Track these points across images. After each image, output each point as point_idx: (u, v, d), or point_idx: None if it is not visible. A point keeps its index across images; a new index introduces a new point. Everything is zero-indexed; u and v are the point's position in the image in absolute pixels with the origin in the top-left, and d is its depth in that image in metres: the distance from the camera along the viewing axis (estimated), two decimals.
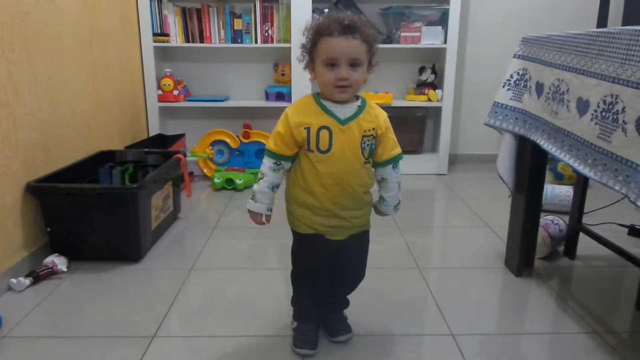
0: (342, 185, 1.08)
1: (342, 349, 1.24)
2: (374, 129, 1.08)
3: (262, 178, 1.12)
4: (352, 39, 1.00)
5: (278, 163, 1.10)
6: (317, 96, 1.09)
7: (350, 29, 1.00)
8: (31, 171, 1.65)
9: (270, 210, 1.15)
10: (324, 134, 1.05)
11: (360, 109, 1.08)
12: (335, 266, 1.19)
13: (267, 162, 1.11)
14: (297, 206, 1.13)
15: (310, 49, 1.05)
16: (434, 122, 3.11)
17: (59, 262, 1.62)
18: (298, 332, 1.25)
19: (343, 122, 1.06)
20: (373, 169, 1.15)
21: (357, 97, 1.10)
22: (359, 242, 1.20)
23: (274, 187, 1.13)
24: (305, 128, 1.05)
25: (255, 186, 1.13)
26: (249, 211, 1.15)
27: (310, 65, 1.07)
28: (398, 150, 1.14)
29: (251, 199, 1.14)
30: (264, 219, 1.15)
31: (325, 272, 1.19)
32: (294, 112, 1.07)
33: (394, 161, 1.14)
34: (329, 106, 1.07)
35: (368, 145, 1.09)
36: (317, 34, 1.02)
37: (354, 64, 1.02)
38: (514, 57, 1.55)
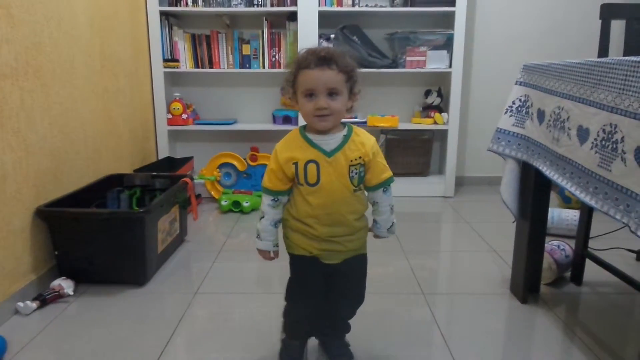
0: (333, 214, 1.10)
1: None
2: (360, 157, 1.09)
3: (263, 217, 1.16)
4: (328, 70, 1.03)
5: (275, 199, 1.13)
6: (303, 129, 1.11)
7: (326, 60, 1.03)
8: (41, 195, 1.69)
9: (277, 246, 1.19)
10: (312, 167, 1.07)
11: (346, 138, 1.09)
12: (332, 289, 1.19)
13: (265, 200, 1.14)
14: (292, 231, 1.16)
15: (292, 82, 1.08)
16: (440, 144, 3.12)
17: (65, 285, 1.64)
18: (285, 347, 1.29)
19: (329, 154, 1.08)
20: (366, 193, 1.17)
21: (343, 126, 1.11)
22: (355, 266, 1.20)
23: (276, 223, 1.16)
24: (293, 163, 1.08)
25: (258, 225, 1.16)
26: (258, 250, 1.19)
27: (294, 98, 1.10)
28: (388, 174, 1.14)
29: (257, 237, 1.17)
30: (272, 255, 1.19)
31: (318, 294, 1.19)
32: (282, 148, 1.10)
33: (384, 185, 1.15)
34: (314, 139, 1.08)
35: (356, 173, 1.10)
36: (296, 67, 1.06)
37: (332, 93, 1.04)
38: (515, 83, 1.57)
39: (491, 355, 1.34)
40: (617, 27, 1.82)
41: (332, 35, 2.82)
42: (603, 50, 1.59)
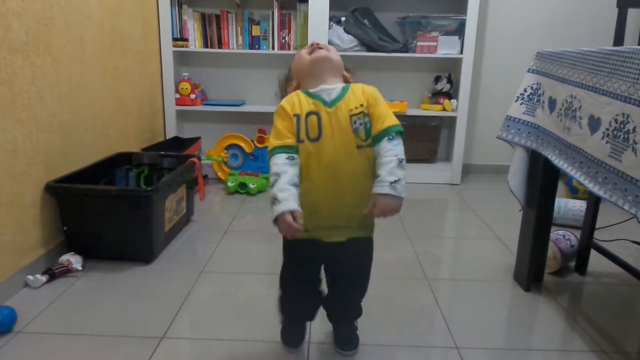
0: (338, 174, 1.00)
1: (345, 358, 1.25)
2: (361, 105, 1.02)
3: (278, 177, 0.96)
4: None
5: (291, 157, 0.98)
6: (300, 91, 1.09)
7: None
8: (50, 171, 1.70)
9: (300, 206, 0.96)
10: (312, 119, 1.01)
11: (345, 89, 1.06)
12: (334, 274, 1.15)
13: (279, 160, 0.98)
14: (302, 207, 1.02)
15: (286, 83, 1.17)
16: (448, 131, 3.10)
17: (74, 260, 1.66)
18: (284, 329, 1.28)
19: (330, 104, 1.03)
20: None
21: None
22: (361, 249, 1.12)
23: (295, 185, 0.96)
24: (295, 115, 1.02)
25: (273, 190, 0.96)
26: (277, 219, 0.94)
27: (289, 85, 1.15)
28: (392, 121, 1.02)
29: (273, 204, 0.95)
30: (299, 220, 0.93)
31: (317, 282, 1.16)
32: (286, 103, 1.05)
33: (388, 133, 1.00)
34: (314, 91, 1.06)
35: (361, 124, 1.01)
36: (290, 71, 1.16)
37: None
38: (528, 71, 1.55)
39: (493, 341, 1.35)
40: (634, 16, 1.79)
41: (343, 18, 2.79)
42: (618, 39, 1.56)
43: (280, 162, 0.97)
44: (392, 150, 0.99)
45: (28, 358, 1.23)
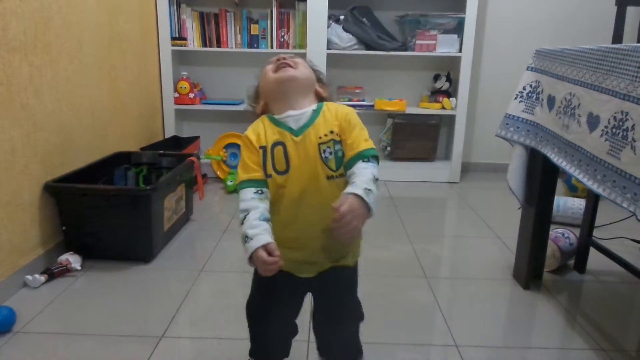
0: (304, 207, 0.90)
1: None
2: (331, 131, 0.91)
3: (247, 214, 0.87)
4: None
5: (260, 191, 0.90)
6: (267, 116, 0.96)
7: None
8: (49, 171, 1.70)
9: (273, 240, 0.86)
10: (278, 151, 0.90)
11: (316, 112, 0.93)
12: (318, 310, 1.04)
13: (247, 195, 0.89)
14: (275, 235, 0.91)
15: (256, 96, 1.02)
16: (447, 130, 3.10)
17: (73, 260, 1.66)
18: None
19: (297, 133, 0.91)
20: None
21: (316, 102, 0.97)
22: (333, 280, 0.97)
23: (267, 220, 0.88)
24: (260, 148, 0.91)
25: (243, 227, 0.87)
26: (252, 258, 0.85)
27: (259, 101, 1.00)
28: (366, 145, 0.90)
29: (245, 243, 0.85)
30: (275, 252, 0.83)
31: (290, 314, 1.04)
32: (251, 133, 0.93)
33: (361, 157, 0.89)
34: (280, 117, 0.93)
35: (331, 153, 0.90)
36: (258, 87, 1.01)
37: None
38: (527, 69, 1.55)
39: (492, 340, 1.35)
40: (632, 14, 1.78)
41: (342, 17, 2.79)
42: (617, 37, 1.56)
43: (248, 197, 0.89)
44: (368, 169, 0.88)
45: (27, 358, 1.23)
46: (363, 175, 0.86)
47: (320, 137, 0.90)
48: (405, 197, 2.63)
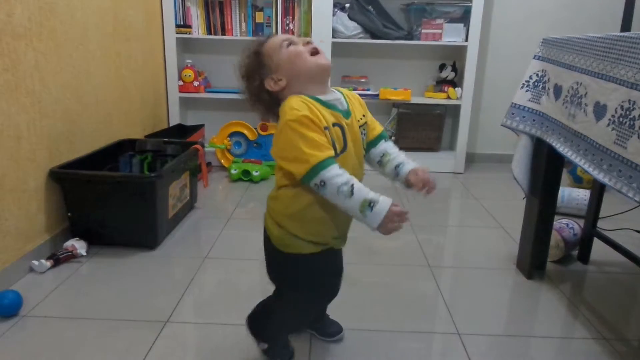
0: None
1: (347, 344, 1.27)
2: (364, 115, 1.01)
3: (352, 183, 0.86)
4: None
5: (339, 166, 0.88)
6: (305, 96, 0.93)
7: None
8: (54, 157, 1.71)
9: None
10: (337, 131, 0.92)
11: (344, 96, 0.99)
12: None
13: (335, 170, 0.86)
14: (309, 224, 0.96)
15: (258, 70, 0.97)
16: (452, 120, 3.09)
17: (78, 246, 1.67)
18: (275, 350, 1.15)
19: (346, 115, 0.95)
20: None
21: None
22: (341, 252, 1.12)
23: None
24: (325, 128, 0.89)
25: (357, 197, 0.85)
26: (386, 217, 0.84)
27: (270, 79, 0.96)
28: (381, 126, 1.07)
29: (372, 208, 0.85)
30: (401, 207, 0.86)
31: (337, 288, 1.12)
32: (306, 111, 0.88)
33: (383, 136, 1.05)
34: (325, 99, 0.93)
35: (364, 134, 1.00)
36: (256, 53, 0.98)
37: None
38: (533, 58, 1.54)
39: (494, 328, 1.36)
40: None
41: (347, 5, 2.77)
42: (626, 25, 1.54)
43: (340, 172, 0.86)
44: (396, 149, 1.04)
45: (33, 341, 1.24)
46: (402, 154, 1.03)
47: (358, 120, 0.98)
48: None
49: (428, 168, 0.97)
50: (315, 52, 0.96)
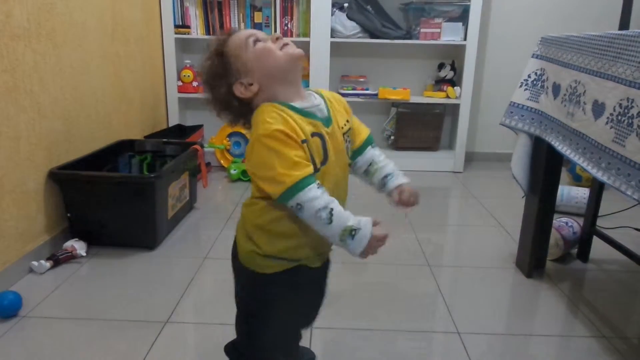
0: (340, 195, 0.85)
1: (347, 343, 1.27)
2: (348, 121, 0.89)
3: (332, 206, 0.77)
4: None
5: (319, 184, 0.79)
6: (278, 104, 0.81)
7: None
8: (53, 158, 1.71)
9: None
10: (316, 142, 0.81)
11: (324, 99, 0.87)
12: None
13: (315, 192, 0.76)
14: (278, 239, 0.85)
15: (224, 73, 0.84)
16: (451, 119, 3.09)
17: (78, 246, 1.67)
18: None
19: (327, 123, 0.84)
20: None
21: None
22: (327, 270, 0.97)
23: None
24: (302, 142, 0.78)
25: (336, 224, 0.77)
26: (366, 249, 0.79)
27: (240, 85, 0.84)
28: (367, 130, 0.95)
29: (355, 235, 0.77)
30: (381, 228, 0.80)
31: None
32: (279, 125, 0.77)
33: (370, 142, 0.94)
34: (302, 106, 0.82)
35: (349, 142, 0.90)
36: (219, 55, 0.85)
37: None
38: (532, 56, 1.54)
39: (494, 327, 1.36)
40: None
41: (346, 4, 2.77)
42: (624, 23, 1.54)
43: (318, 194, 0.77)
44: (383, 156, 0.95)
45: (34, 341, 1.24)
46: (391, 164, 0.94)
47: (342, 127, 0.87)
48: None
49: (415, 191, 0.91)
50: (282, 45, 0.84)
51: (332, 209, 0.77)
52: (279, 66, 0.83)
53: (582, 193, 2.22)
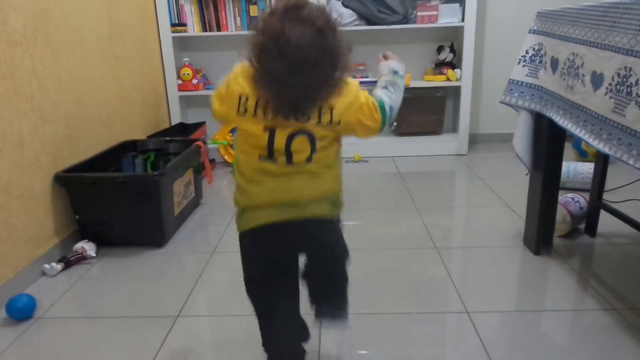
0: None
1: (357, 326, 1.27)
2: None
3: (387, 89, 1.01)
4: None
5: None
6: None
7: None
8: (58, 162, 1.72)
9: None
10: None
11: None
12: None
13: (387, 107, 0.96)
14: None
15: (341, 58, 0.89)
16: (453, 102, 3.07)
17: (88, 248, 1.69)
18: None
19: None
20: None
21: None
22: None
23: None
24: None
25: (393, 89, 1.01)
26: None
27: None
28: None
29: (397, 74, 1.04)
30: None
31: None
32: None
33: None
34: None
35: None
36: (334, 31, 0.88)
37: None
38: (529, 32, 1.53)
39: (504, 305, 1.36)
40: None
41: None
42: None
43: (387, 100, 0.98)
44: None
45: (49, 342, 1.27)
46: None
47: None
48: (413, 171, 2.62)
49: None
50: None
51: (386, 86, 1.02)
52: None
53: (587, 168, 2.20)
